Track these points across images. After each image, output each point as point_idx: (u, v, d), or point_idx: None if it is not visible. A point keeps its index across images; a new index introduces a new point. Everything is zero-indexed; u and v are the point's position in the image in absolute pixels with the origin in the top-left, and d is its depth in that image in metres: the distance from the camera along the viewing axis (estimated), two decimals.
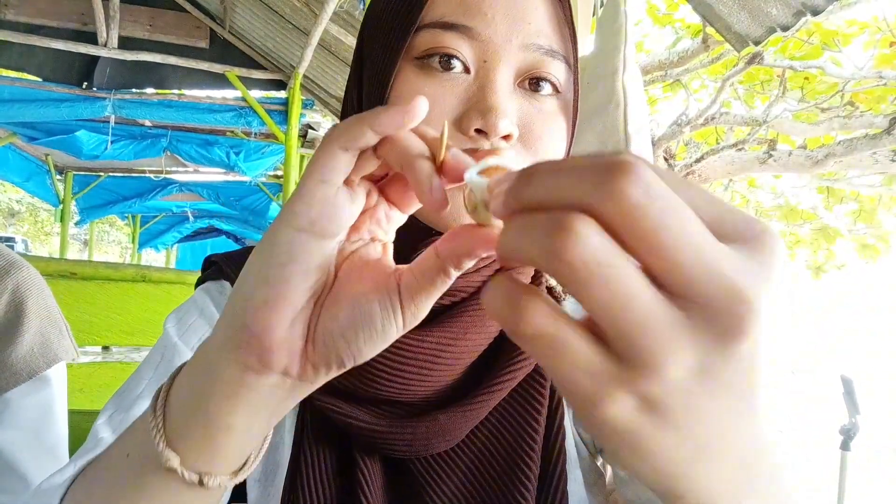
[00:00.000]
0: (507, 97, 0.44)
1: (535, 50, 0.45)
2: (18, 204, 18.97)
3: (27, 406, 0.80)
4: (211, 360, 0.31)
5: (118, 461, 0.35)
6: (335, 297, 0.31)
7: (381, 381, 0.46)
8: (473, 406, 0.48)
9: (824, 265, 6.36)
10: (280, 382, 0.30)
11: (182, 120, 4.46)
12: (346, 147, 0.30)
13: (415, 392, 0.47)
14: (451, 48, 0.44)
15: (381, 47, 0.47)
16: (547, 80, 0.46)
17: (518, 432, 0.49)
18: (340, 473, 0.49)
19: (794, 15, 1.93)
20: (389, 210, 0.33)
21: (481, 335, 0.49)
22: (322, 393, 0.48)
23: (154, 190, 6.41)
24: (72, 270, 1.82)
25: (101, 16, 3.96)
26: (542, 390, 0.51)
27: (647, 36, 5.71)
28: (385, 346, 0.31)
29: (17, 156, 5.52)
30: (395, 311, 0.30)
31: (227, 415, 0.30)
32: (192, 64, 4.32)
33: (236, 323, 0.30)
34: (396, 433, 0.47)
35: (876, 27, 4.23)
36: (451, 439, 0.48)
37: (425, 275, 0.30)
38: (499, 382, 0.49)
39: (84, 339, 1.80)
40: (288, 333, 0.29)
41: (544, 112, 0.47)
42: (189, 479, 0.31)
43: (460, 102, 0.44)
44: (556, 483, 0.48)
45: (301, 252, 0.30)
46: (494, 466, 0.48)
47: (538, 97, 0.46)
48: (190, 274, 2.03)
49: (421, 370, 0.46)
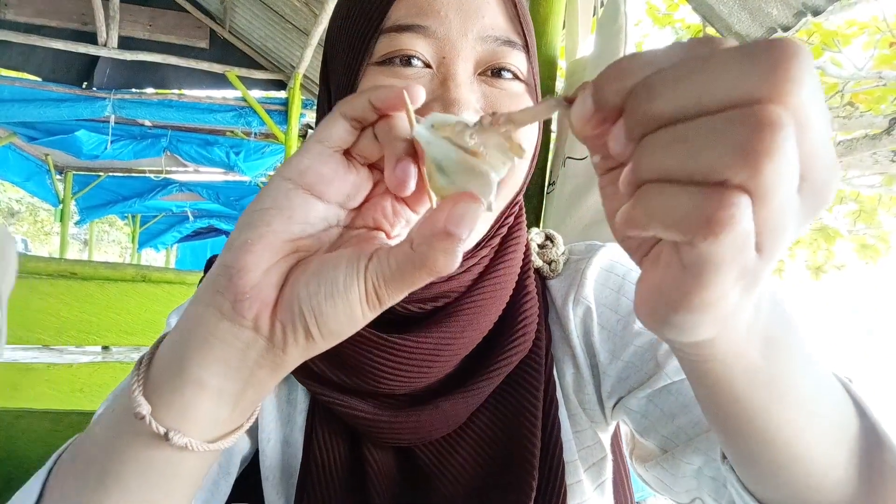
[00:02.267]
0: (469, 89, 0.45)
1: (492, 41, 0.46)
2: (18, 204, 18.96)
3: None
4: (193, 311, 0.31)
5: (105, 419, 0.35)
6: (311, 258, 0.31)
7: (383, 379, 0.48)
8: (473, 391, 0.49)
9: (824, 265, 6.37)
10: (252, 341, 0.30)
11: (182, 120, 4.45)
12: (345, 114, 0.31)
13: (416, 386, 0.49)
14: (409, 49, 0.45)
15: (344, 55, 0.48)
16: (507, 68, 0.47)
17: (518, 410, 0.50)
18: (350, 470, 0.50)
19: (794, 15, 1.93)
20: (398, 205, 0.34)
21: (477, 331, 0.50)
22: (327, 389, 0.50)
23: (154, 190, 6.41)
24: (72, 270, 1.82)
25: (101, 16, 3.96)
26: (538, 371, 0.52)
27: (647, 36, 5.71)
28: (351, 321, 0.30)
29: (16, 155, 5.52)
30: (359, 275, 0.29)
31: (198, 366, 0.30)
32: (192, 64, 4.32)
33: (217, 267, 0.30)
34: (401, 422, 0.48)
35: (876, 27, 4.23)
36: (452, 424, 0.50)
37: (400, 266, 0.29)
38: (496, 368, 0.50)
39: (84, 339, 1.80)
40: (262, 279, 0.29)
41: (509, 93, 0.47)
42: (156, 429, 0.30)
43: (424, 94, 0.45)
44: (554, 450, 0.50)
45: (284, 199, 0.30)
46: (497, 443, 0.50)
47: (501, 82, 0.47)
48: (190, 274, 2.02)
49: (421, 368, 0.48)
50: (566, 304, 0.56)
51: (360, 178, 0.32)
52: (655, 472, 0.51)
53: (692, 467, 0.47)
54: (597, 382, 0.54)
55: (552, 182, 1.63)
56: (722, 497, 0.44)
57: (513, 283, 0.53)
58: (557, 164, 1.61)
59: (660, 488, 0.52)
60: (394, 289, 0.29)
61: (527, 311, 0.52)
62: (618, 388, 0.53)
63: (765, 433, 0.30)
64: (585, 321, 0.55)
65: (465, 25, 0.45)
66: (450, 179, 0.29)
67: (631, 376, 0.52)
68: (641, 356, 0.52)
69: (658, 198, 0.21)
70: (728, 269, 0.21)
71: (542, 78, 1.58)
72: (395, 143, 0.30)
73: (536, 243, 0.60)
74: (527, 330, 0.52)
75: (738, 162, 0.19)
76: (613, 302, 0.55)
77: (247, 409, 0.33)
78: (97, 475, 0.33)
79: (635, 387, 0.51)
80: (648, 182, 0.22)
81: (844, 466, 0.32)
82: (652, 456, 0.52)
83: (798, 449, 0.31)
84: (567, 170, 1.52)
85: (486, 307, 0.50)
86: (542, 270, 0.58)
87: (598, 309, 0.55)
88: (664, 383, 0.49)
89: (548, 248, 0.60)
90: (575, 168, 1.49)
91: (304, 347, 0.30)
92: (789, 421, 0.30)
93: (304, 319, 0.29)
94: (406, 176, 0.30)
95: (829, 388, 0.33)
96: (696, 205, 0.20)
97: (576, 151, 1.49)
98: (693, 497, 0.48)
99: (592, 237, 1.38)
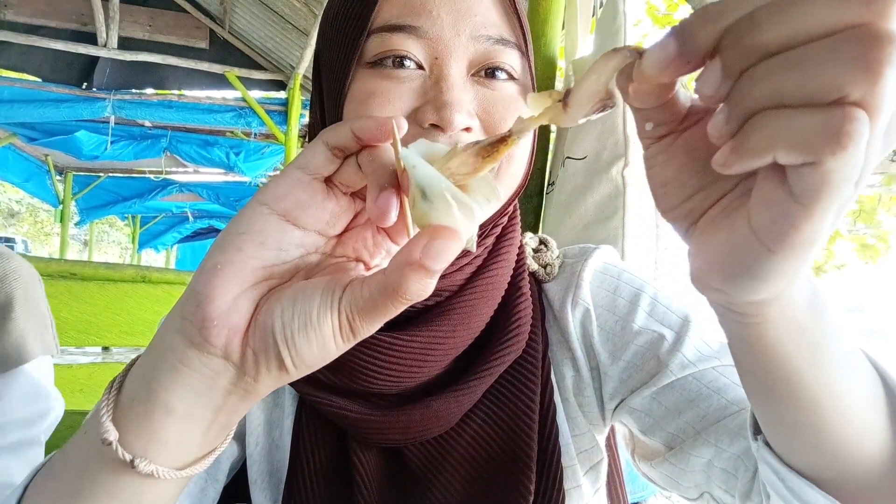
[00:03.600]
0: (462, 89, 0.45)
1: (485, 41, 0.46)
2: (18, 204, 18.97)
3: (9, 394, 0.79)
4: (163, 335, 0.31)
5: (76, 442, 0.35)
6: (286, 286, 0.30)
7: (372, 379, 0.47)
8: (465, 390, 0.49)
9: (824, 265, 6.36)
10: (221, 369, 0.30)
11: (182, 120, 4.46)
12: (327, 142, 0.31)
13: (406, 386, 0.48)
14: (402, 49, 0.45)
15: (335, 55, 0.48)
16: (501, 68, 0.47)
17: (514, 413, 0.50)
18: (337, 472, 0.49)
19: None
20: (378, 235, 0.33)
21: (469, 330, 0.50)
22: (315, 388, 0.49)
23: (154, 190, 6.41)
24: (72, 271, 1.82)
25: (101, 16, 3.96)
26: (534, 374, 0.52)
27: (646, 36, 5.70)
28: (324, 352, 0.29)
29: (16, 156, 5.52)
30: (332, 307, 0.29)
31: (166, 391, 0.30)
32: (191, 64, 4.32)
33: (188, 291, 0.30)
34: (391, 421, 0.48)
35: None
36: (444, 424, 0.49)
37: (373, 295, 0.28)
38: (487, 368, 0.50)
39: (84, 339, 1.80)
40: (231, 305, 0.29)
41: (503, 96, 0.47)
42: (122, 456, 0.30)
43: (417, 97, 0.45)
44: (552, 454, 0.49)
45: (258, 223, 0.30)
46: (493, 446, 0.49)
47: (495, 84, 0.47)
48: (190, 274, 2.02)
49: (411, 367, 0.47)
50: (564, 306, 0.56)
51: (339, 206, 0.32)
52: (663, 469, 0.51)
53: (701, 461, 0.47)
54: (597, 385, 0.54)
55: (552, 182, 1.63)
56: (734, 488, 0.44)
57: (505, 283, 0.53)
58: (557, 164, 1.61)
59: (667, 485, 0.52)
60: (367, 319, 0.29)
61: (520, 311, 0.52)
62: (620, 389, 0.52)
63: (811, 395, 0.31)
64: (584, 323, 0.55)
65: (458, 24, 0.45)
66: (433, 206, 0.28)
67: (633, 376, 0.52)
68: (643, 356, 0.52)
69: (777, 122, 0.21)
70: (842, 191, 0.21)
71: (542, 78, 1.58)
72: (378, 173, 0.30)
73: (531, 247, 0.60)
74: (520, 330, 0.52)
75: (857, 76, 0.20)
76: (610, 303, 0.55)
77: (219, 433, 0.32)
78: (68, 497, 0.32)
79: (637, 386, 0.51)
80: (760, 111, 0.22)
81: (882, 432, 0.33)
82: (656, 454, 0.52)
83: (842, 411, 0.31)
84: (567, 170, 1.52)
85: (478, 306, 0.50)
86: (537, 274, 0.58)
87: (595, 311, 0.55)
88: (668, 380, 0.49)
89: (542, 252, 0.60)
90: (575, 168, 1.49)
91: (277, 377, 0.30)
92: (834, 382, 0.31)
93: (278, 350, 0.29)
94: (388, 206, 0.29)
95: (856, 352, 0.33)
96: (821, 122, 0.20)
97: (575, 151, 1.49)
98: (702, 491, 0.48)
99: (592, 237, 1.38)
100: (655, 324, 0.53)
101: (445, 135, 0.43)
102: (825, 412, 0.31)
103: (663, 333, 0.52)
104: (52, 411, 0.83)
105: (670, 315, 0.53)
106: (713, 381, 0.49)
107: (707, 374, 0.49)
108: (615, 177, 1.36)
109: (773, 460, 0.36)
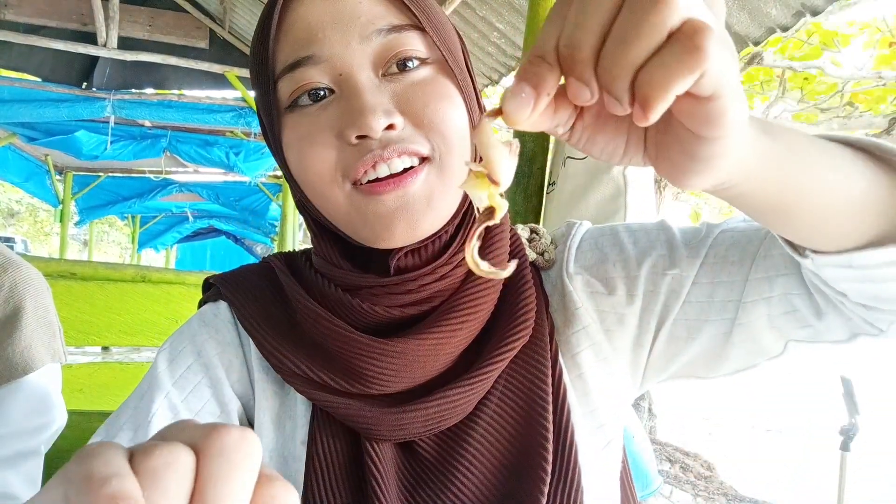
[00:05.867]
0: (374, 93, 0.45)
1: (377, 35, 0.46)
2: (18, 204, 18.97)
3: (13, 403, 0.80)
4: None
5: None
6: None
7: (387, 383, 0.48)
8: (480, 377, 0.49)
9: None
10: None
11: (182, 120, 4.45)
12: None
13: (418, 382, 0.50)
14: (306, 82, 0.46)
15: (262, 110, 0.50)
16: (405, 56, 0.47)
17: (528, 395, 0.51)
18: (354, 471, 0.50)
19: (793, 15, 1.93)
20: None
21: (475, 324, 0.51)
22: (328, 394, 0.49)
23: (154, 190, 6.41)
24: (71, 271, 1.82)
25: (101, 16, 3.96)
26: (544, 354, 0.52)
27: None
28: None
29: (16, 156, 5.51)
30: None
31: None
32: (191, 64, 4.32)
33: None
34: (410, 416, 0.48)
35: (876, 27, 4.23)
36: (461, 413, 0.50)
37: None
38: (499, 354, 0.50)
39: (84, 339, 1.80)
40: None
41: (417, 82, 0.47)
42: None
43: (338, 121, 0.46)
44: (566, 434, 0.50)
45: None
46: (508, 429, 0.50)
47: (408, 75, 0.47)
48: (189, 274, 2.02)
49: (424, 366, 0.49)
50: (563, 281, 0.56)
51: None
52: (736, 352, 0.51)
53: (761, 321, 0.48)
54: (623, 335, 0.54)
55: (552, 182, 1.63)
56: (803, 319, 0.47)
57: None
58: (557, 164, 1.61)
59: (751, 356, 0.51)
60: None
61: (526, 298, 0.53)
62: (647, 318, 0.53)
63: (812, 202, 0.37)
64: (587, 288, 0.56)
65: (346, 35, 0.45)
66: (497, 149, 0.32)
67: (654, 301, 0.53)
68: (653, 280, 0.53)
69: (653, 70, 0.26)
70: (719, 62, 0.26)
71: None
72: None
73: (525, 238, 0.61)
74: (528, 316, 0.52)
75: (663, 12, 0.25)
76: (600, 258, 0.56)
77: None
78: None
79: (665, 305, 0.52)
80: (637, 71, 0.26)
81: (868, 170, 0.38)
82: (711, 354, 0.52)
83: (838, 196, 0.37)
84: (567, 170, 1.52)
85: (481, 299, 0.50)
86: (536, 262, 0.59)
87: (591, 271, 0.56)
88: (690, 283, 0.51)
89: (536, 241, 0.60)
90: (575, 168, 1.49)
91: None
92: (822, 181, 0.37)
93: None
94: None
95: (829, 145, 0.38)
96: (677, 44, 0.25)
97: (576, 151, 1.49)
98: (784, 342, 0.49)
99: None
100: (646, 247, 0.55)
101: (375, 140, 0.44)
102: (826, 205, 0.37)
103: (658, 250, 0.54)
104: (54, 423, 0.84)
105: (651, 233, 0.56)
106: (721, 254, 0.51)
107: (708, 258, 0.51)
108: (616, 176, 1.36)
109: (831, 257, 0.40)
